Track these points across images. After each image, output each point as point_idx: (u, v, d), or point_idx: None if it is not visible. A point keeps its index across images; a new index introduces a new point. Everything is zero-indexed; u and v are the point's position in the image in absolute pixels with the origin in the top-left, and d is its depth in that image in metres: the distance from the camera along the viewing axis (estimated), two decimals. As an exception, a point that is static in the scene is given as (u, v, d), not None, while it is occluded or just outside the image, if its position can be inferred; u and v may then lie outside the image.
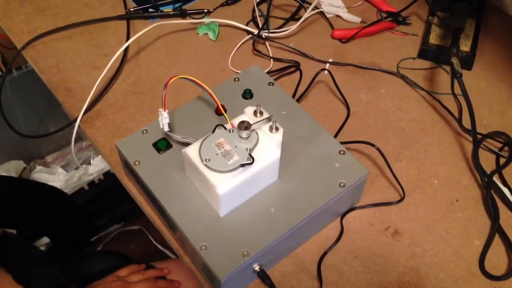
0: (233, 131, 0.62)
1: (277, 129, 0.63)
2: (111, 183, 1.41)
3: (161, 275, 1.01)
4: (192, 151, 0.62)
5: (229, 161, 0.60)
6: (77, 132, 0.81)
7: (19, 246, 1.04)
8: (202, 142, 0.62)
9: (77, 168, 1.58)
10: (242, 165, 0.60)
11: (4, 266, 0.84)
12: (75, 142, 0.83)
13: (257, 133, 0.62)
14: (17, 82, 1.39)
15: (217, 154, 0.60)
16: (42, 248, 1.30)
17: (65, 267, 1.03)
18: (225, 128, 0.63)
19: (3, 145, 1.47)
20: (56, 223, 1.25)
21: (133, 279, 0.97)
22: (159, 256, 1.48)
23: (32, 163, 1.57)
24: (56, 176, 1.53)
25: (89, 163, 1.57)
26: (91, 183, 1.39)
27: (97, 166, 1.55)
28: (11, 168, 1.51)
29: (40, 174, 1.52)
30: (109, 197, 1.42)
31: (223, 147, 0.61)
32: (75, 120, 0.80)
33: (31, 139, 0.91)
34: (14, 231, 1.26)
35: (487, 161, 0.78)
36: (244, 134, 0.61)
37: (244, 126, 0.60)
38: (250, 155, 0.60)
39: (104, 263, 1.03)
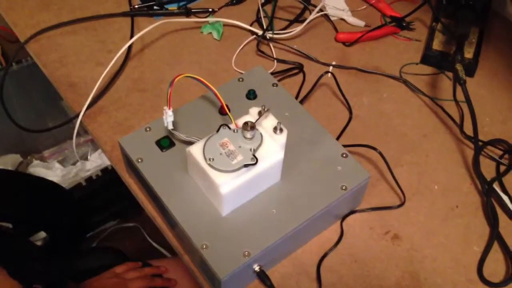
0: (237, 131, 0.62)
1: (281, 130, 0.63)
2: (109, 180, 1.40)
3: (158, 273, 1.01)
4: (196, 150, 0.61)
5: (233, 161, 0.60)
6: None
7: (14, 240, 1.04)
8: (206, 142, 0.62)
9: (74, 163, 1.57)
10: (246, 166, 0.60)
11: (-1, 261, 0.84)
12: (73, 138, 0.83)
13: (261, 134, 0.62)
14: (16, 76, 1.39)
15: (221, 153, 0.60)
16: (39, 243, 1.29)
17: (61, 262, 1.02)
18: (229, 128, 0.63)
19: (0, 139, 1.47)
20: (54, 217, 1.25)
21: (130, 276, 0.97)
22: (154, 253, 1.48)
23: (29, 157, 1.56)
24: (53, 171, 1.52)
25: (86, 159, 1.57)
26: (89, 179, 1.39)
27: (94, 162, 1.55)
28: (7, 162, 1.51)
29: (37, 169, 1.52)
30: (106, 194, 1.42)
31: (227, 147, 0.61)
32: (77, 115, 0.80)
33: (28, 133, 0.92)
34: (10, 225, 1.26)
35: (488, 168, 0.78)
36: (249, 134, 0.61)
37: (249, 126, 0.60)
38: (254, 155, 0.60)
39: (101, 259, 1.03)
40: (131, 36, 0.91)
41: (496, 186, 0.76)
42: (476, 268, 0.69)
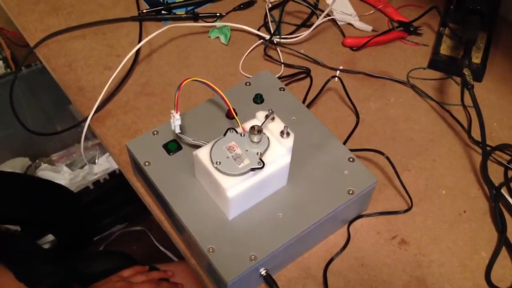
0: (244, 135, 0.62)
1: (288, 134, 0.63)
2: (116, 184, 1.41)
3: (165, 277, 1.01)
4: (203, 154, 0.62)
5: (239, 164, 0.60)
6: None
7: (20, 243, 1.04)
8: (213, 145, 0.62)
9: (82, 167, 1.58)
10: (253, 169, 0.60)
11: (5, 263, 0.84)
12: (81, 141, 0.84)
13: (268, 138, 0.62)
14: (26, 80, 1.40)
15: (228, 157, 0.61)
16: (47, 246, 1.30)
17: (68, 265, 1.03)
18: (236, 132, 0.63)
19: (10, 142, 1.48)
20: (61, 220, 1.25)
21: (137, 279, 0.97)
22: (161, 257, 1.49)
23: (37, 161, 1.57)
24: (61, 175, 1.53)
25: (94, 163, 1.57)
26: (96, 183, 1.39)
27: (101, 166, 1.56)
28: (16, 165, 1.52)
29: (45, 172, 1.53)
30: (113, 197, 1.42)
31: (234, 150, 0.61)
32: (86, 119, 0.80)
33: (37, 137, 0.93)
34: (17, 228, 1.26)
35: (495, 174, 0.78)
36: (256, 138, 0.61)
37: (256, 130, 0.61)
38: (260, 159, 0.60)
39: (108, 263, 1.03)
40: (139, 41, 0.91)
41: (504, 191, 0.75)
42: (484, 273, 0.68)
